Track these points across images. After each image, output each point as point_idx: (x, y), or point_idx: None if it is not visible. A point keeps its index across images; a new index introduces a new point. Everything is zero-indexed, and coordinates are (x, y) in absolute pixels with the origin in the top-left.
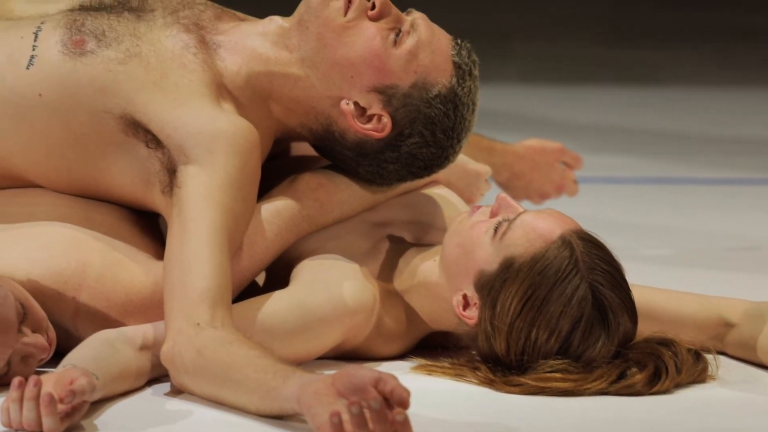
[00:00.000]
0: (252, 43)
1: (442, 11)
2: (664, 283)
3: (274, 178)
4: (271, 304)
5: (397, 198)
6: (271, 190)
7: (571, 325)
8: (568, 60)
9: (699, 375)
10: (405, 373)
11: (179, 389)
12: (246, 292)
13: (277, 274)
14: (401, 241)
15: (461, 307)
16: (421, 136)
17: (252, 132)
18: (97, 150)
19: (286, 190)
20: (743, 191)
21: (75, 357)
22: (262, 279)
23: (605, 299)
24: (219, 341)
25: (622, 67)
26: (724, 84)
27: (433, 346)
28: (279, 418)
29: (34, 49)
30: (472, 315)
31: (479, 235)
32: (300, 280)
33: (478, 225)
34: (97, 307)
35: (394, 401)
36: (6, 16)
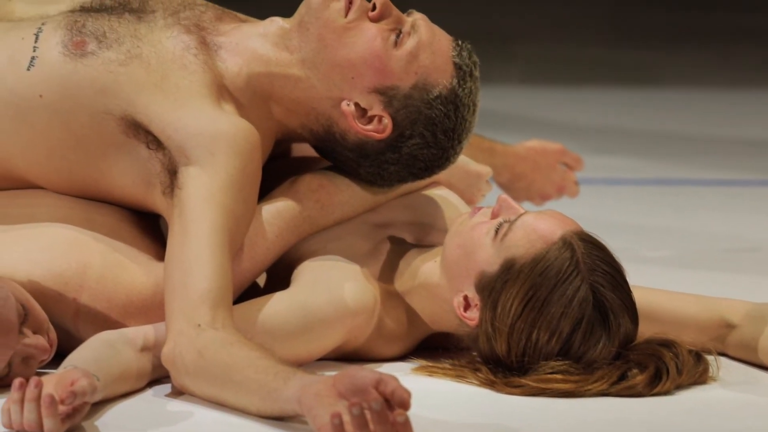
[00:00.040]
0: (253, 45)
1: (443, 12)
2: (665, 284)
3: (275, 179)
4: (272, 306)
5: (398, 199)
6: (272, 191)
7: (572, 327)
8: (568, 61)
9: (700, 376)
10: (406, 374)
11: (180, 390)
12: (247, 293)
13: (278, 275)
14: (402, 243)
15: (462, 309)
16: (421, 137)
17: (253, 133)
18: (97, 151)
19: (286, 191)
20: (744, 192)
21: (76, 358)
22: (263, 280)
23: (606, 300)
24: (220, 342)
25: (622, 68)
26: (724, 85)
27: (434, 347)
28: (280, 420)
29: (34, 51)
30: (473, 316)
31: (480, 237)
32: (301, 282)
33: (479, 226)
34: (98, 308)
35: (395, 402)
36: (7, 18)
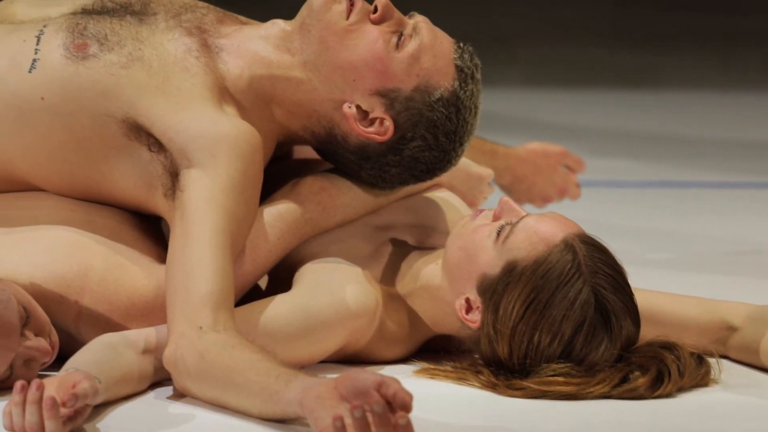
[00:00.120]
0: (254, 47)
1: (445, 14)
2: (666, 286)
3: (277, 182)
4: (273, 308)
5: (399, 201)
6: (274, 193)
7: (573, 329)
8: (570, 63)
9: (702, 379)
10: (407, 377)
11: (182, 393)
12: (249, 295)
13: (280, 277)
14: (404, 245)
15: (464, 311)
16: (423, 140)
17: (254, 135)
18: (99, 153)
19: (288, 193)
20: (746, 195)
21: (77, 360)
22: (264, 282)
23: (608, 303)
24: (221, 345)
25: (623, 70)
26: (725, 87)
27: (436, 349)
28: (281, 422)
29: (36, 53)
30: (475, 318)
31: (482, 239)
32: (303, 284)
33: (480, 228)
34: (100, 310)
35: (396, 405)
36: (8, 20)
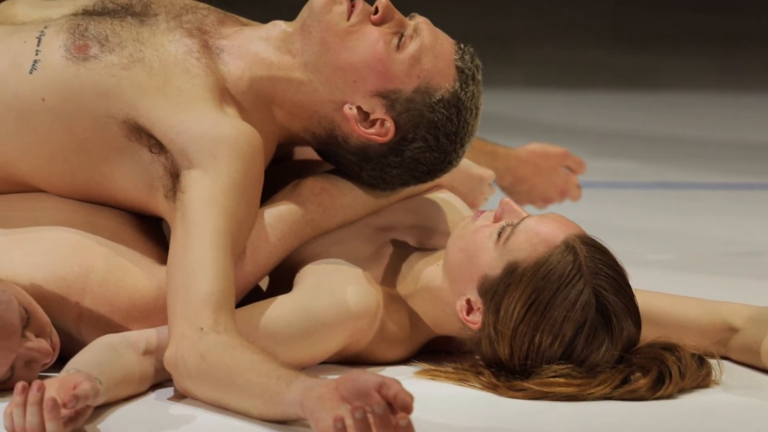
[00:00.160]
0: (255, 48)
1: (445, 16)
2: (667, 287)
3: (278, 183)
4: (274, 309)
5: (400, 202)
6: (275, 194)
7: (574, 330)
8: (570, 64)
9: (703, 380)
10: (408, 378)
11: (182, 394)
12: (249, 296)
13: (281, 278)
14: (404, 246)
15: (464, 312)
16: (424, 141)
17: (255, 136)
18: (100, 155)
19: (289, 194)
20: (745, 196)
21: (78, 362)
22: (265, 283)
23: (609, 304)
24: (222, 346)
25: (623, 71)
26: (726, 88)
27: (437, 350)
28: (282, 423)
29: (37, 54)
30: (476, 320)
31: (482, 240)
32: (303, 285)
33: (481, 229)
34: (101, 311)
35: (397, 406)
36: (9, 21)
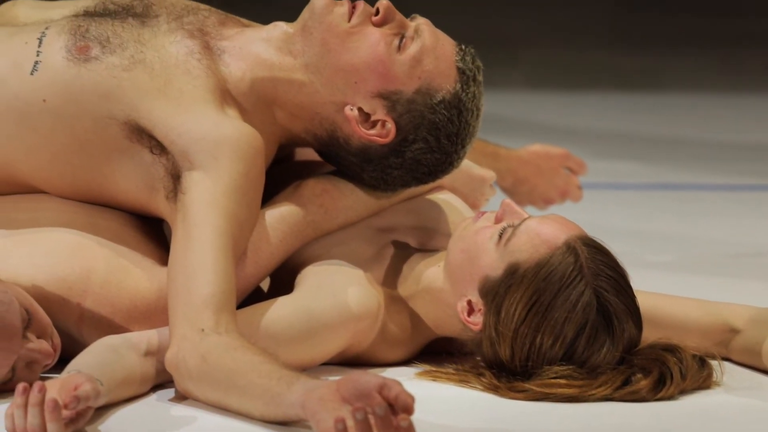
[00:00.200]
0: (256, 49)
1: (446, 17)
2: (668, 288)
3: (279, 184)
4: (275, 310)
5: (401, 204)
6: (276, 195)
7: (575, 331)
8: (571, 66)
9: (704, 381)
10: (409, 379)
11: (183, 395)
12: (250, 298)
13: (282, 279)
14: (406, 247)
15: (466, 313)
16: (425, 142)
17: (256, 138)
18: (101, 156)
19: (290, 195)
20: (746, 197)
21: (79, 363)
22: (266, 285)
23: (610, 305)
24: (223, 347)
25: (624, 72)
26: (726, 89)
27: (438, 351)
28: (283, 424)
29: (38, 55)
30: (477, 321)
31: (484, 241)
32: (305, 286)
33: (482, 231)
34: (102, 313)
35: (398, 407)
36: (10, 22)
